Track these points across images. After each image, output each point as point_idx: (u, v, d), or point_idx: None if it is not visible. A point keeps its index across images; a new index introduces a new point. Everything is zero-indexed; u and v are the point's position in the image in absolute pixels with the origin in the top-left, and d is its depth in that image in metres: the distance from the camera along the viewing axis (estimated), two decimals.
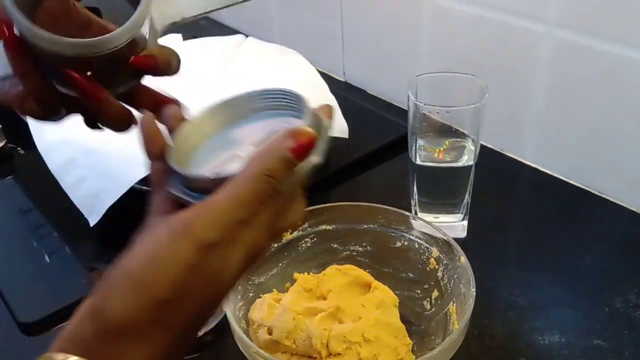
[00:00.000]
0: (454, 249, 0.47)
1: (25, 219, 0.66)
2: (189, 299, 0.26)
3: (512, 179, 0.70)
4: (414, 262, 0.51)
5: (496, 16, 0.65)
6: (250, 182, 0.26)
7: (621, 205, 0.62)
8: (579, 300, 0.53)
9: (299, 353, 0.44)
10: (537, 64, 0.64)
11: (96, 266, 0.61)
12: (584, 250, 0.58)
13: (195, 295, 0.26)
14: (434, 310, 0.49)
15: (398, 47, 0.78)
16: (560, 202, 0.64)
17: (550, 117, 0.65)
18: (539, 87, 0.65)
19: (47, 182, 0.62)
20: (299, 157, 0.27)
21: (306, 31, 0.90)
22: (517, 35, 0.64)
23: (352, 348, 0.44)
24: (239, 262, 0.27)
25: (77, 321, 0.27)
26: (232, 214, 0.26)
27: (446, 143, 0.55)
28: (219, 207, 0.26)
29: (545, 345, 0.48)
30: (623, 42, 0.56)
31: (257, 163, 0.27)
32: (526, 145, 0.69)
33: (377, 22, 0.80)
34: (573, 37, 0.60)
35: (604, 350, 0.48)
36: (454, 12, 0.69)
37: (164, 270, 0.25)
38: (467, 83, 0.54)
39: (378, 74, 0.84)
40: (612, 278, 0.54)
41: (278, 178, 0.27)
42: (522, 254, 0.59)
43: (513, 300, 0.53)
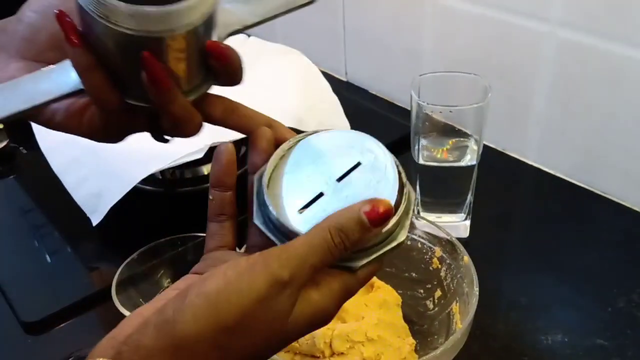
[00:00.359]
0: (457, 248, 0.47)
1: (27, 219, 0.66)
2: (252, 332, 0.27)
3: (514, 179, 0.70)
4: (416, 262, 0.51)
5: (499, 15, 0.65)
6: (323, 232, 0.28)
7: (624, 205, 0.62)
8: (582, 299, 0.53)
9: (302, 352, 0.44)
10: (540, 63, 0.64)
11: (97, 266, 0.61)
12: (587, 250, 0.58)
13: (258, 330, 0.27)
14: (436, 309, 0.49)
15: (400, 47, 0.78)
16: (563, 201, 0.64)
17: (553, 116, 0.65)
18: (542, 86, 0.65)
19: (50, 182, 0.62)
20: (374, 222, 0.29)
21: (308, 31, 0.90)
22: (520, 35, 0.64)
23: (355, 347, 0.44)
24: (304, 317, 0.28)
25: (140, 326, 0.27)
26: (304, 258, 0.28)
27: (449, 143, 0.55)
28: (294, 250, 0.28)
29: (548, 345, 0.48)
30: (626, 41, 0.56)
31: (333, 218, 0.29)
32: (529, 144, 0.69)
33: (380, 21, 0.80)
34: (576, 36, 0.60)
35: (607, 350, 0.48)
36: (457, 12, 0.69)
37: (237, 299, 0.26)
38: (469, 83, 0.54)
39: (380, 74, 0.84)
40: (615, 278, 0.54)
41: (350, 236, 0.28)
42: (525, 254, 0.59)
43: (516, 300, 0.53)
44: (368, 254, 0.30)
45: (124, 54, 0.31)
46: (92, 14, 0.29)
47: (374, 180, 0.32)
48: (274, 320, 0.27)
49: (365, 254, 0.30)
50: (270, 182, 0.32)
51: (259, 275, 0.27)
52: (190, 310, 0.26)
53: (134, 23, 0.29)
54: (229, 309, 0.26)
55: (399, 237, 0.31)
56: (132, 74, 0.31)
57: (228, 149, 0.34)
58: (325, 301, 0.29)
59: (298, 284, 0.27)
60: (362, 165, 0.32)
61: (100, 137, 0.35)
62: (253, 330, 0.27)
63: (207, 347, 0.26)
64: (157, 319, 0.27)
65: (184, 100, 0.32)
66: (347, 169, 0.32)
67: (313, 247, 0.28)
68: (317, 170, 0.32)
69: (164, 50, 0.31)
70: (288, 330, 0.28)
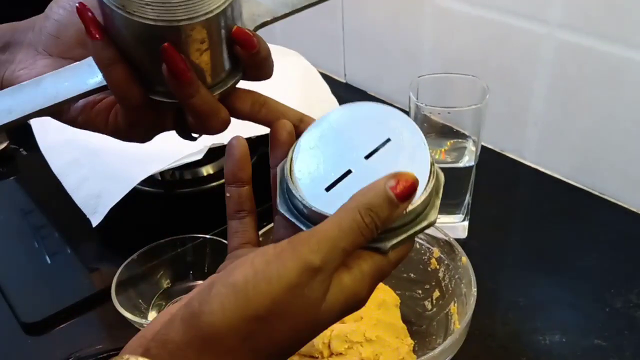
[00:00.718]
0: (455, 249, 0.47)
1: (27, 220, 0.66)
2: (283, 321, 0.26)
3: (513, 180, 0.70)
4: (415, 263, 0.51)
5: (498, 17, 0.65)
6: (351, 213, 0.27)
7: (622, 206, 0.63)
8: (580, 300, 0.53)
9: (301, 353, 0.44)
10: (538, 64, 0.64)
11: (97, 267, 0.61)
12: (585, 251, 0.58)
13: (289, 318, 0.26)
14: (435, 310, 0.49)
15: (399, 48, 0.78)
16: (561, 202, 0.65)
17: (551, 118, 0.65)
18: (540, 88, 0.65)
19: (49, 183, 0.63)
20: (400, 197, 0.27)
21: (307, 32, 0.91)
22: (518, 36, 0.64)
23: (354, 348, 0.44)
24: (338, 303, 0.27)
25: (166, 322, 0.26)
26: (335, 242, 0.26)
27: (447, 144, 0.56)
28: (324, 234, 0.26)
29: (546, 345, 0.49)
30: (624, 43, 0.57)
31: (359, 197, 0.27)
32: (527, 146, 0.69)
33: (378, 23, 0.80)
34: (574, 38, 0.60)
35: (604, 350, 0.48)
36: (455, 13, 0.69)
37: (267, 286, 0.25)
38: (468, 84, 0.54)
39: (379, 75, 0.84)
40: (612, 278, 0.54)
41: (380, 214, 0.27)
42: (523, 255, 0.59)
43: (514, 300, 0.53)
44: (397, 234, 0.29)
45: (144, 47, 0.30)
46: (109, 4, 0.29)
47: (404, 157, 0.30)
48: (306, 308, 0.26)
49: (394, 234, 0.29)
50: (293, 167, 0.31)
51: (288, 262, 0.25)
52: (217, 300, 0.25)
53: (152, 12, 0.29)
54: (258, 297, 0.25)
55: (429, 217, 0.30)
56: (154, 68, 0.30)
57: (240, 142, 0.32)
58: (358, 285, 0.27)
59: (330, 270, 0.26)
60: (391, 142, 0.30)
61: (126, 136, 0.34)
62: (285, 319, 0.25)
63: (236, 338, 0.25)
64: (183, 313, 0.26)
65: (207, 94, 0.31)
66: (376, 146, 0.30)
67: (343, 230, 0.26)
68: (343, 148, 0.31)
69: (184, 41, 0.30)
70: (321, 318, 0.26)
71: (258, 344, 0.25)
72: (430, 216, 0.30)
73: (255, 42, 0.31)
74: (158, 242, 0.53)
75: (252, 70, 0.33)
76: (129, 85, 0.31)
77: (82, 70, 0.32)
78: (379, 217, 0.27)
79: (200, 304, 0.25)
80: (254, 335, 0.25)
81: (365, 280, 0.28)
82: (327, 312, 0.27)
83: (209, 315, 0.25)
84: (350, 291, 0.27)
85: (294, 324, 0.26)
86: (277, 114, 0.34)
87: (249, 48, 0.31)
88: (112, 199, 0.58)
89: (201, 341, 0.25)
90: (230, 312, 0.25)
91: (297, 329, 0.26)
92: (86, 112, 0.34)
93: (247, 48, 0.31)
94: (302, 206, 0.29)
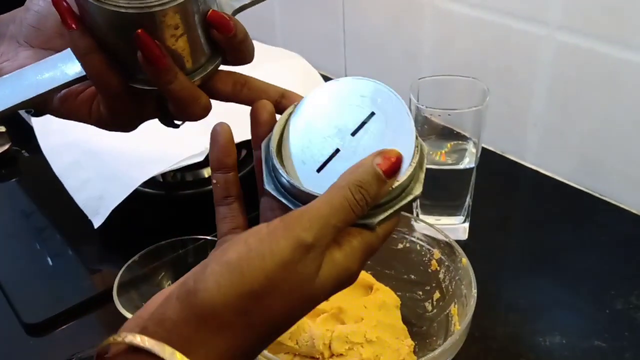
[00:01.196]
0: (456, 250, 0.47)
1: (29, 222, 0.67)
2: (277, 296, 0.26)
3: (513, 181, 0.70)
4: (415, 264, 0.51)
5: (497, 19, 0.66)
6: (342, 191, 0.28)
7: (622, 207, 0.63)
8: (580, 302, 0.53)
9: (302, 354, 0.45)
10: (538, 66, 0.64)
11: (99, 268, 0.61)
12: (585, 252, 0.58)
13: (284, 294, 0.26)
14: (435, 311, 0.49)
15: (400, 50, 0.79)
16: (561, 204, 0.65)
17: (551, 119, 0.66)
18: (540, 89, 0.65)
19: (51, 184, 0.63)
20: (387, 173, 0.28)
21: (308, 34, 0.91)
22: (518, 38, 0.64)
23: (354, 349, 0.44)
24: (330, 278, 0.27)
25: (163, 302, 0.27)
26: (327, 219, 0.27)
27: (448, 145, 0.56)
28: (315, 212, 0.27)
29: (546, 347, 0.49)
30: (624, 44, 0.57)
31: (348, 176, 0.28)
32: (527, 147, 0.69)
33: (379, 25, 0.80)
34: (574, 39, 0.60)
35: (605, 352, 0.48)
36: (455, 15, 0.69)
37: (261, 263, 0.26)
38: (468, 86, 0.55)
39: (380, 77, 0.84)
40: (613, 280, 0.54)
41: (369, 190, 0.28)
42: (523, 256, 0.59)
43: (514, 302, 0.53)
44: (384, 209, 0.29)
45: (119, 34, 0.30)
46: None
47: (389, 130, 0.30)
48: (300, 284, 0.26)
49: (381, 210, 0.29)
50: (279, 146, 0.31)
51: (281, 240, 0.26)
52: (212, 278, 0.26)
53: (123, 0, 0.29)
54: (252, 274, 0.25)
55: (414, 191, 0.30)
56: (131, 55, 0.30)
57: (224, 128, 0.33)
58: (349, 260, 0.28)
59: (322, 246, 0.27)
60: (376, 116, 0.30)
61: (109, 126, 0.35)
62: (279, 295, 0.26)
63: (232, 314, 0.25)
64: (179, 292, 0.26)
65: (185, 80, 0.31)
66: (361, 121, 0.30)
67: (334, 207, 0.27)
68: (329, 126, 0.31)
69: (158, 27, 0.30)
70: (315, 293, 0.27)
71: (253, 319, 0.26)
72: (416, 190, 0.30)
73: (231, 25, 0.31)
74: (159, 243, 0.53)
75: (231, 54, 0.33)
76: (107, 74, 0.31)
77: (62, 61, 0.32)
78: (369, 194, 0.28)
79: (196, 282, 0.26)
80: (249, 311, 0.26)
81: (356, 256, 0.28)
82: (320, 287, 0.27)
83: (205, 293, 0.25)
84: (342, 267, 0.28)
85: (288, 300, 0.26)
86: (259, 93, 0.34)
87: (226, 31, 0.31)
88: (113, 200, 0.58)
89: (197, 318, 0.25)
90: (225, 288, 0.25)
91: (292, 305, 0.27)
92: (69, 102, 0.34)
93: (224, 31, 0.31)
94: (291, 186, 0.29)
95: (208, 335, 0.25)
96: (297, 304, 0.27)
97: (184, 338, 0.25)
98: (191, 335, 0.25)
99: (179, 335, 0.25)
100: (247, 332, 0.26)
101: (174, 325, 0.25)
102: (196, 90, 0.32)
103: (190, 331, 0.25)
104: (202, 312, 0.25)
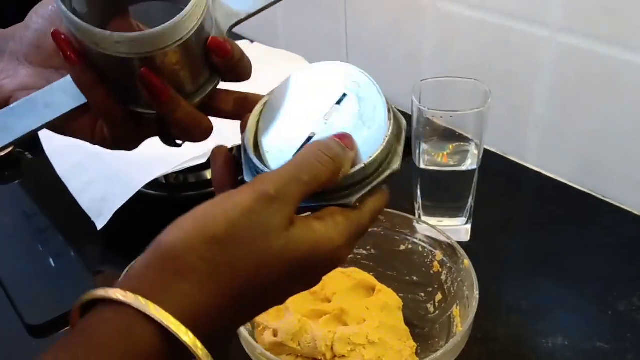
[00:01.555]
0: (458, 252, 0.47)
1: (32, 223, 0.67)
2: (241, 245, 0.26)
3: (515, 183, 0.70)
4: (417, 265, 0.51)
5: (499, 21, 0.66)
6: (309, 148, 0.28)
7: (624, 209, 0.63)
8: (583, 303, 0.53)
9: (304, 355, 0.45)
10: (539, 68, 0.64)
11: (102, 269, 0.62)
12: (587, 254, 0.58)
13: (247, 243, 0.26)
14: (437, 313, 0.49)
15: (402, 53, 0.79)
16: (563, 205, 0.65)
17: (553, 120, 0.66)
18: (542, 91, 0.65)
19: (54, 186, 0.63)
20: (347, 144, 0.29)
21: (311, 37, 0.91)
22: (519, 40, 0.65)
23: (357, 350, 0.44)
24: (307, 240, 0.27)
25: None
26: (293, 174, 0.27)
27: (450, 147, 0.56)
28: (282, 170, 0.28)
29: (548, 348, 0.49)
30: (625, 46, 0.57)
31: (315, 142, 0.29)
32: (529, 148, 0.69)
33: (381, 28, 0.80)
34: (575, 41, 0.60)
35: (607, 353, 0.48)
36: (457, 17, 0.70)
37: (223, 212, 0.26)
38: (470, 87, 0.55)
39: (382, 79, 0.84)
40: (615, 281, 0.54)
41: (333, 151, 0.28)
42: (526, 258, 0.59)
43: (516, 303, 0.53)
44: (362, 186, 0.30)
45: (121, 72, 0.31)
46: (82, 40, 0.30)
47: (362, 109, 0.31)
48: (264, 234, 0.26)
49: (359, 188, 0.30)
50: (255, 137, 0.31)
51: (245, 192, 0.27)
52: (176, 226, 0.26)
53: (123, 48, 0.29)
54: (215, 220, 0.26)
55: (392, 166, 0.30)
56: (133, 85, 0.31)
57: (221, 150, 0.33)
58: (330, 231, 0.28)
59: (287, 199, 0.27)
60: (347, 97, 0.31)
61: (112, 146, 0.35)
62: (242, 243, 0.26)
63: (194, 257, 0.25)
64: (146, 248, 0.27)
65: (188, 107, 0.32)
66: (333, 104, 0.31)
67: (301, 164, 0.28)
68: (302, 112, 0.31)
69: (159, 66, 0.30)
70: (285, 249, 0.26)
71: (218, 267, 0.26)
72: (393, 164, 0.30)
73: (229, 49, 0.32)
74: None
75: (229, 73, 0.34)
76: (110, 104, 0.32)
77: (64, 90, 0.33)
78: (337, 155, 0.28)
79: (164, 234, 0.26)
80: (214, 258, 0.25)
81: (340, 229, 0.28)
82: (293, 245, 0.27)
83: (167, 236, 0.26)
84: (321, 234, 0.27)
85: (252, 250, 0.26)
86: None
87: (224, 55, 0.32)
88: (116, 202, 0.58)
89: (161, 260, 0.25)
90: (187, 233, 0.26)
91: (258, 258, 0.26)
92: (71, 124, 0.35)
93: (222, 55, 0.32)
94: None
95: (171, 278, 0.25)
96: (266, 259, 0.26)
97: (147, 283, 0.25)
98: (154, 279, 0.25)
99: (141, 279, 0.25)
100: (213, 282, 0.25)
101: (139, 273, 0.26)
102: (198, 115, 0.33)
103: (154, 274, 0.25)
104: (165, 254, 0.25)
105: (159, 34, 0.29)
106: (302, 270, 0.27)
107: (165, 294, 0.25)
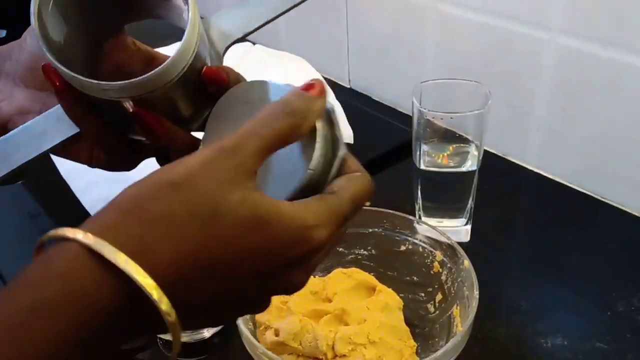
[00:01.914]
0: (458, 252, 0.48)
1: (35, 223, 0.67)
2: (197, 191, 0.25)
3: (515, 184, 0.70)
4: (418, 266, 0.51)
5: (499, 23, 0.66)
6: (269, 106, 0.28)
7: (624, 210, 0.63)
8: (582, 303, 0.53)
9: (305, 354, 0.45)
10: (540, 70, 0.64)
11: None
12: (587, 254, 0.58)
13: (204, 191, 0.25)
14: (437, 313, 0.49)
15: (402, 54, 0.79)
16: (564, 206, 0.65)
17: (554, 122, 0.66)
18: (542, 93, 0.65)
19: (57, 187, 0.63)
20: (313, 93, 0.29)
21: (312, 39, 0.91)
22: (520, 42, 0.65)
23: (357, 350, 0.45)
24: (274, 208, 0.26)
25: None
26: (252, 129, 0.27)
27: (450, 148, 0.56)
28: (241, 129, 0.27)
29: (548, 349, 0.49)
30: (626, 48, 0.57)
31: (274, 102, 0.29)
32: (529, 150, 0.70)
33: (382, 29, 0.81)
34: (576, 43, 0.60)
35: (606, 354, 0.48)
36: (458, 19, 0.70)
37: (182, 161, 0.26)
38: (470, 89, 0.55)
39: (383, 81, 0.85)
40: (615, 282, 0.55)
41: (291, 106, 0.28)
42: (526, 258, 0.59)
43: (516, 303, 0.53)
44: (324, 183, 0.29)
45: (114, 107, 0.31)
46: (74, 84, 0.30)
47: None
48: (221, 181, 0.25)
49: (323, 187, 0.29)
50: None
51: (204, 149, 0.27)
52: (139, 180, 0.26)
53: (112, 94, 0.29)
54: (174, 169, 0.26)
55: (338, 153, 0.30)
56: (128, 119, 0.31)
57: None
58: (302, 212, 0.27)
59: (246, 151, 0.26)
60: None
61: (110, 169, 0.36)
62: (198, 190, 0.25)
63: (153, 202, 0.25)
64: None
65: (184, 135, 0.33)
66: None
67: (259, 120, 0.27)
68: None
69: (152, 103, 0.30)
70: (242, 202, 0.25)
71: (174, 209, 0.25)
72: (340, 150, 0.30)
73: (224, 78, 0.32)
74: None
75: None
76: (104, 134, 0.33)
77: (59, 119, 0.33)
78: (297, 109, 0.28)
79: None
80: (173, 202, 0.25)
81: (310, 207, 0.27)
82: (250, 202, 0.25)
83: (128, 187, 0.26)
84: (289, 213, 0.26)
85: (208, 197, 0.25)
86: None
87: (219, 84, 0.32)
88: None
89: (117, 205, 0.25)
90: (147, 181, 0.26)
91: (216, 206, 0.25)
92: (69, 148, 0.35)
93: (218, 85, 0.32)
94: None
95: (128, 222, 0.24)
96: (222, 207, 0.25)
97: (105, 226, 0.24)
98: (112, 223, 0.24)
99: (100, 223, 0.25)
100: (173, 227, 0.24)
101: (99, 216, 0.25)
102: (195, 140, 0.33)
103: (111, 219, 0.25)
104: (124, 201, 0.25)
105: (148, 80, 0.29)
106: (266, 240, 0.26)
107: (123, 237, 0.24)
